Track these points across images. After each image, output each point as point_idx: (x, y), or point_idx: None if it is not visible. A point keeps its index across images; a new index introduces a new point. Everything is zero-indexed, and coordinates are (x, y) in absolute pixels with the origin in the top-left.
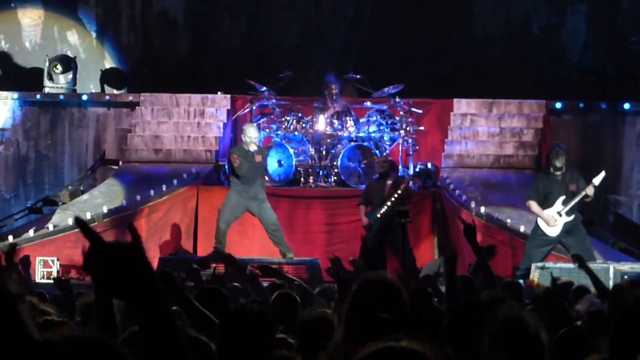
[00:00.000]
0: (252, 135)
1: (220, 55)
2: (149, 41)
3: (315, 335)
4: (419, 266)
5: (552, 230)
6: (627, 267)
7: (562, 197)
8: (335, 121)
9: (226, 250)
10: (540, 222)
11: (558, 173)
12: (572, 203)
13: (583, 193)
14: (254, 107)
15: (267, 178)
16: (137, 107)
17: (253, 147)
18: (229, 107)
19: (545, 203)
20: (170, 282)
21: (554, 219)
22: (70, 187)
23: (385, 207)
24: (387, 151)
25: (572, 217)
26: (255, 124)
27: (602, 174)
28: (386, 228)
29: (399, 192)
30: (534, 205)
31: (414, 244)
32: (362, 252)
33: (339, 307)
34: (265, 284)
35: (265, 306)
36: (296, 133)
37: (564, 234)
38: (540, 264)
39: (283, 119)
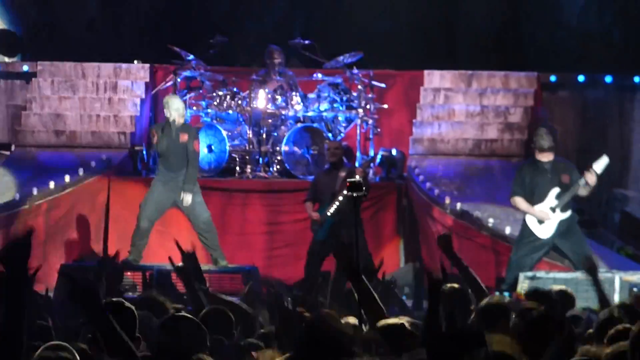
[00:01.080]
0: (175, 107)
1: (137, 16)
2: None
3: None
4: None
5: (544, 230)
6: (636, 277)
7: (556, 190)
8: (279, 97)
9: (144, 254)
10: (529, 221)
11: (546, 160)
12: (568, 196)
13: (582, 181)
14: (179, 80)
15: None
16: (33, 79)
17: (178, 121)
18: (148, 80)
19: (533, 198)
20: (95, 298)
21: (547, 214)
22: None
23: (337, 202)
24: (342, 134)
25: (568, 213)
26: (177, 95)
27: (604, 159)
28: (339, 229)
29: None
30: (519, 201)
31: (375, 247)
32: (310, 259)
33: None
34: None
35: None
36: (230, 111)
37: (558, 234)
38: (529, 274)
39: (214, 94)
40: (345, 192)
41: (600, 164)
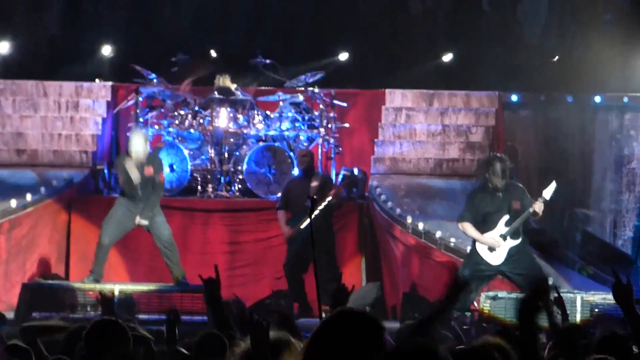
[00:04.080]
0: (134, 147)
1: (99, 34)
2: (9, 15)
3: None
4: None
5: (494, 257)
6: (597, 297)
7: (505, 217)
8: (240, 116)
9: (105, 273)
10: (479, 247)
11: (498, 185)
12: (517, 223)
13: (531, 210)
14: (140, 99)
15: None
16: None
17: (130, 164)
18: (110, 99)
19: (484, 225)
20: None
21: (497, 241)
22: None
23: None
24: None
25: (518, 240)
26: (141, 132)
27: (553, 185)
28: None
29: (330, 199)
30: (468, 227)
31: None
32: (290, 279)
33: None
34: None
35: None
36: (192, 130)
37: (507, 260)
38: (491, 294)
39: (176, 113)
40: (321, 206)
41: (549, 190)
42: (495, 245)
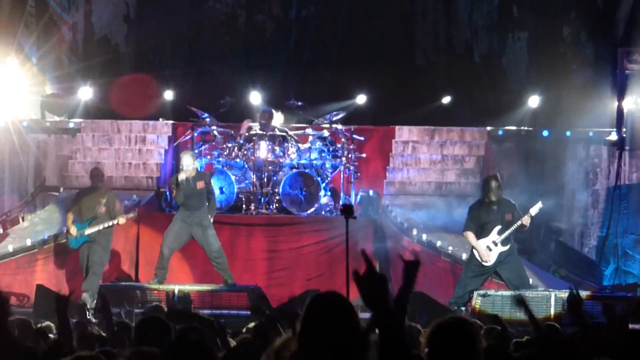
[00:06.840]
0: (184, 163)
1: (161, 81)
2: (91, 67)
3: None
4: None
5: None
6: (568, 294)
7: (498, 227)
8: (277, 148)
9: (168, 276)
10: (475, 251)
11: (494, 200)
12: (508, 232)
13: (519, 223)
14: (195, 134)
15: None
16: (78, 134)
17: (183, 176)
18: (170, 134)
19: (482, 232)
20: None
21: (487, 254)
22: (9, 214)
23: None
24: (329, 178)
25: (507, 246)
26: (189, 151)
27: (539, 204)
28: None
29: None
30: (470, 236)
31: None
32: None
33: None
34: None
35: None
36: (237, 160)
37: (499, 263)
38: (482, 292)
39: (224, 145)
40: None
41: (536, 208)
42: (484, 257)
